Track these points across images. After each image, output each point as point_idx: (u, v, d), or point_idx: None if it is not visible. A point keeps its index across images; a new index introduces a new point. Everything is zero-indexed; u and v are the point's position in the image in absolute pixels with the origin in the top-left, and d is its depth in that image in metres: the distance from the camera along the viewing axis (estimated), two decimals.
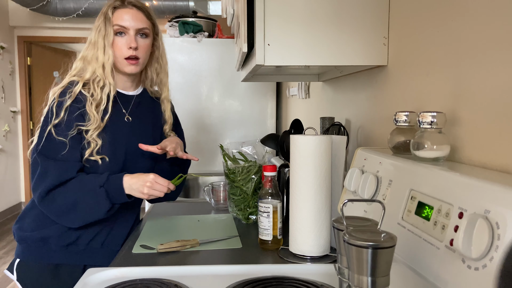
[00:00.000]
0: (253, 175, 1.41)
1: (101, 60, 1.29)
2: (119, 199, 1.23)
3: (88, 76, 1.29)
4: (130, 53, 1.29)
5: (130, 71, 1.32)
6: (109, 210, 1.23)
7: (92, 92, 1.28)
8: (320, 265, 0.93)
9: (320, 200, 1.00)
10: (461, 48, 0.79)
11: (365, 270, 0.56)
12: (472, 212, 0.57)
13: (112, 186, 1.22)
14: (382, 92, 1.15)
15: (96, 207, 1.22)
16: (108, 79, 1.30)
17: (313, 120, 1.91)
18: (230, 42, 2.78)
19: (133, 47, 1.29)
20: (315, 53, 1.08)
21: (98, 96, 1.28)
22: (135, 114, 1.39)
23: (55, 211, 1.23)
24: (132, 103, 1.40)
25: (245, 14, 1.13)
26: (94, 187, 1.22)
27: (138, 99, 1.42)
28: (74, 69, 1.33)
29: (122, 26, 1.29)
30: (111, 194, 1.22)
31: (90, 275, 0.87)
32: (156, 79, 1.44)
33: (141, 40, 1.32)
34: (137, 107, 1.41)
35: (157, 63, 1.42)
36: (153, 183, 1.21)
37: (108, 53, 1.29)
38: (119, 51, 1.30)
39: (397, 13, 1.06)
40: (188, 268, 0.91)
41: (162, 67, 1.43)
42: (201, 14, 3.89)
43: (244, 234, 1.29)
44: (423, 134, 0.77)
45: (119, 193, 1.22)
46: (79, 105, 1.27)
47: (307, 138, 1.00)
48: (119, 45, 1.29)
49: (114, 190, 1.22)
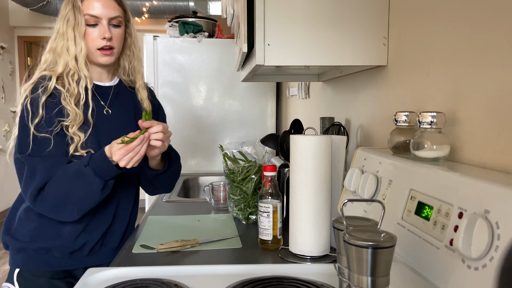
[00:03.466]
0: (253, 175, 1.41)
1: (72, 52, 1.22)
2: (109, 173, 1.15)
3: (61, 69, 1.22)
4: (104, 44, 1.22)
5: (105, 62, 1.26)
6: (103, 188, 1.16)
7: (67, 87, 1.22)
8: (320, 265, 0.93)
9: (320, 200, 1.00)
10: (461, 48, 0.79)
11: (365, 270, 0.56)
12: (472, 212, 0.57)
13: (97, 161, 1.14)
14: (382, 92, 1.15)
15: (88, 188, 1.15)
16: (83, 71, 1.23)
17: (313, 120, 1.91)
18: (230, 42, 2.78)
19: (108, 37, 1.22)
20: (315, 53, 1.08)
21: (75, 91, 1.22)
22: (114, 106, 1.33)
23: (50, 207, 1.17)
24: (110, 95, 1.33)
25: (245, 14, 1.13)
26: (79, 169, 1.15)
27: (116, 89, 1.36)
28: (44, 62, 1.26)
29: (93, 16, 1.21)
30: (98, 170, 1.14)
31: (90, 275, 0.87)
32: (129, 67, 1.37)
33: (114, 30, 1.25)
34: (116, 98, 1.35)
35: (129, 50, 1.36)
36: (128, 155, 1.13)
37: (80, 45, 1.21)
38: (92, 42, 1.22)
39: (397, 13, 1.06)
40: (188, 268, 0.91)
41: (135, 54, 1.37)
42: (201, 14, 3.89)
43: (244, 234, 1.29)
44: (423, 134, 0.77)
45: (106, 165, 1.14)
46: (56, 100, 1.20)
47: (307, 138, 1.00)
48: (91, 35, 1.22)
49: (100, 164, 1.14)
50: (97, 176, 1.14)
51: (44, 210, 1.19)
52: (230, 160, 1.47)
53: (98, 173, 1.14)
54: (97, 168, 1.14)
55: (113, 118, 1.32)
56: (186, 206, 1.72)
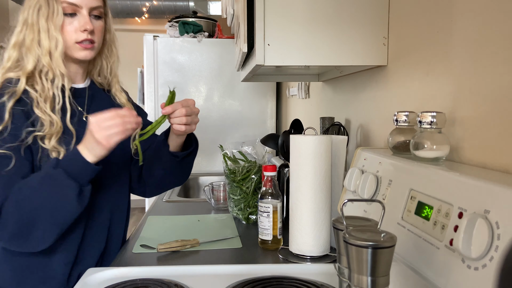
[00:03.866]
0: (253, 175, 1.41)
1: (46, 47, 1.03)
2: (85, 172, 0.94)
3: (31, 66, 1.03)
4: (84, 37, 1.05)
5: (84, 57, 1.08)
6: (80, 194, 0.94)
7: (40, 89, 1.03)
8: (320, 265, 0.93)
9: (320, 200, 1.00)
10: (461, 48, 0.79)
11: (365, 270, 0.56)
12: (472, 212, 0.57)
13: (68, 159, 0.95)
14: (382, 92, 1.15)
15: (60, 194, 0.93)
16: (60, 68, 1.04)
17: (313, 120, 1.91)
18: (230, 42, 2.78)
19: (89, 29, 1.05)
20: (315, 53, 1.08)
21: (49, 92, 1.03)
22: (92, 111, 1.11)
23: (13, 234, 0.93)
24: (86, 98, 1.15)
25: (245, 14, 1.13)
26: (47, 173, 0.94)
27: (90, 91, 1.17)
28: (8, 59, 1.05)
29: (72, 4, 1.04)
30: (70, 169, 0.93)
31: (90, 275, 0.87)
32: (107, 68, 1.19)
33: (96, 22, 1.09)
34: (92, 102, 1.16)
35: (108, 48, 1.18)
36: (106, 120, 0.92)
37: (55, 39, 1.03)
38: (69, 34, 1.05)
39: (397, 13, 1.06)
40: (188, 268, 0.91)
41: (114, 54, 1.20)
42: (201, 14, 3.89)
43: (244, 234, 1.29)
44: (423, 134, 0.77)
45: (81, 163, 0.93)
46: (26, 108, 1.00)
47: (307, 138, 1.00)
48: (69, 27, 1.05)
49: (72, 163, 0.94)
50: (71, 178, 0.93)
51: (7, 241, 0.97)
52: (230, 160, 1.47)
53: (71, 174, 0.93)
54: (69, 168, 0.94)
55: None
56: (186, 206, 1.72)
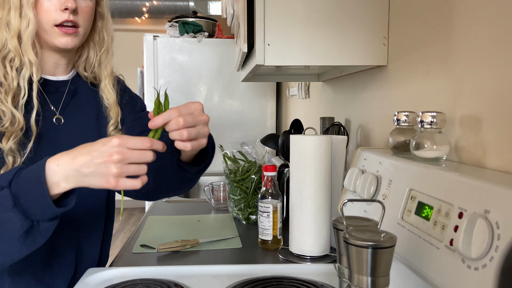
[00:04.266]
0: (253, 175, 1.41)
1: (15, 27, 0.85)
2: (42, 207, 0.69)
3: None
4: (65, 17, 0.87)
5: (64, 44, 0.89)
6: (28, 231, 0.70)
7: (2, 76, 0.85)
8: (320, 265, 0.93)
9: (320, 200, 1.00)
10: (461, 48, 0.79)
11: (365, 270, 0.56)
12: (472, 212, 0.57)
13: (27, 180, 0.69)
14: (382, 92, 1.15)
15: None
16: (28, 55, 0.86)
17: (313, 120, 1.91)
18: (230, 42, 2.78)
19: (71, 7, 0.86)
20: (315, 53, 1.08)
21: (13, 83, 0.85)
22: (69, 111, 0.96)
23: None
24: (65, 93, 0.97)
25: (245, 14, 1.13)
26: None
27: (73, 86, 0.99)
28: None
29: None
30: (22, 194, 0.68)
31: (90, 275, 0.87)
32: (94, 60, 1.00)
33: (81, 1, 0.89)
34: (72, 98, 0.98)
35: (98, 36, 0.99)
36: (123, 152, 0.68)
37: (27, 17, 0.85)
38: (46, 14, 0.86)
39: (397, 13, 1.06)
40: (188, 268, 0.91)
41: (104, 44, 1.00)
42: (201, 14, 3.89)
43: (244, 234, 1.29)
44: (423, 134, 0.77)
45: (39, 191, 0.68)
46: None
47: (307, 138, 1.00)
48: (46, 4, 0.86)
49: (30, 187, 0.68)
50: (18, 209, 0.68)
51: None
52: (230, 160, 1.47)
53: (23, 204, 0.68)
54: (20, 192, 0.68)
55: (65, 130, 0.94)
56: (186, 206, 1.72)
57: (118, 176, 0.69)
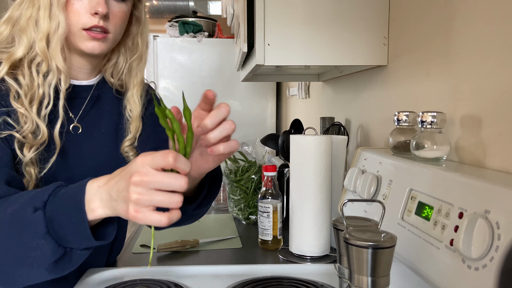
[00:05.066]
0: (253, 175, 1.41)
1: (44, 29, 0.78)
2: (80, 236, 0.61)
3: (21, 53, 0.79)
4: (94, 22, 0.79)
5: (91, 49, 0.81)
6: (59, 260, 0.62)
7: (27, 82, 0.78)
8: (320, 265, 0.93)
9: (320, 200, 1.00)
10: (461, 48, 0.79)
11: (365, 270, 0.56)
12: (472, 212, 0.57)
13: (64, 204, 0.61)
14: (382, 92, 1.15)
15: (25, 251, 0.60)
16: (56, 61, 0.79)
17: (313, 120, 1.91)
18: (230, 42, 2.78)
19: (101, 13, 0.79)
20: (315, 53, 1.08)
21: (39, 90, 0.79)
22: (89, 119, 0.88)
23: None
24: (87, 99, 0.89)
25: (245, 14, 1.13)
26: (23, 210, 0.61)
27: (97, 91, 0.91)
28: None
29: None
30: (58, 222, 0.60)
31: (90, 275, 0.87)
32: (123, 67, 0.92)
33: (115, 5, 0.82)
34: (93, 105, 0.90)
35: (132, 42, 0.91)
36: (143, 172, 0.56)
37: (57, 19, 0.78)
38: (75, 16, 0.79)
39: (397, 13, 1.06)
40: (188, 268, 0.91)
41: (137, 51, 0.92)
42: (201, 14, 3.89)
43: (244, 234, 1.29)
44: (423, 134, 0.77)
45: (77, 219, 0.60)
46: (5, 101, 0.77)
47: (307, 138, 1.00)
48: (77, 6, 0.79)
49: (65, 212, 0.61)
50: (51, 235, 0.60)
51: None
52: (230, 160, 1.47)
53: (57, 230, 0.61)
54: (57, 219, 0.61)
55: (82, 140, 0.86)
56: None
57: (138, 204, 0.56)
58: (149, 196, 0.55)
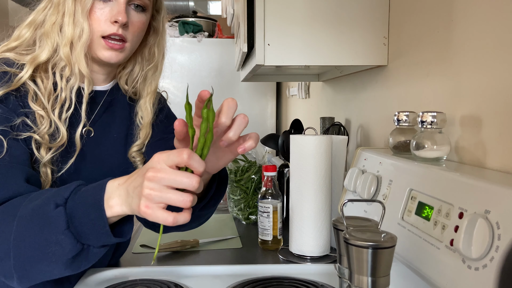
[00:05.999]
0: (253, 175, 1.41)
1: (68, 35, 0.80)
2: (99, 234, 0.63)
3: (45, 57, 0.81)
4: (113, 30, 0.81)
5: (108, 58, 0.84)
6: (76, 256, 0.64)
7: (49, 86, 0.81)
8: (320, 265, 0.93)
9: (320, 200, 1.00)
10: (461, 48, 0.79)
11: (365, 270, 0.56)
12: (472, 212, 0.57)
13: (84, 201, 0.63)
14: (382, 92, 1.15)
15: (45, 246, 0.62)
16: (80, 66, 0.81)
17: (313, 120, 1.91)
18: (230, 42, 2.77)
19: (121, 22, 0.81)
20: (315, 53, 1.08)
21: (61, 94, 0.80)
22: (101, 123, 0.90)
23: None
24: (100, 104, 0.91)
25: (245, 14, 1.13)
26: (46, 204, 0.63)
27: (110, 97, 0.93)
28: (16, 38, 0.83)
29: None
30: (78, 219, 0.62)
31: (90, 275, 0.87)
32: (138, 76, 0.94)
33: (135, 15, 0.84)
34: (106, 110, 0.92)
35: (148, 52, 0.93)
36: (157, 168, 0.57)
37: (80, 26, 0.80)
38: (96, 23, 0.81)
39: (397, 13, 1.06)
40: (188, 268, 0.91)
41: (154, 60, 0.94)
42: (201, 14, 3.89)
43: (244, 234, 1.29)
44: (423, 134, 0.77)
45: (97, 216, 0.62)
46: (18, 94, 0.79)
47: (307, 138, 1.00)
48: (98, 14, 0.81)
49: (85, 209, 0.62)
50: (71, 231, 0.62)
51: None
52: None
53: (77, 226, 0.62)
54: (78, 216, 0.62)
55: (93, 142, 0.88)
56: None
57: (150, 200, 0.57)
58: (160, 192, 0.57)
